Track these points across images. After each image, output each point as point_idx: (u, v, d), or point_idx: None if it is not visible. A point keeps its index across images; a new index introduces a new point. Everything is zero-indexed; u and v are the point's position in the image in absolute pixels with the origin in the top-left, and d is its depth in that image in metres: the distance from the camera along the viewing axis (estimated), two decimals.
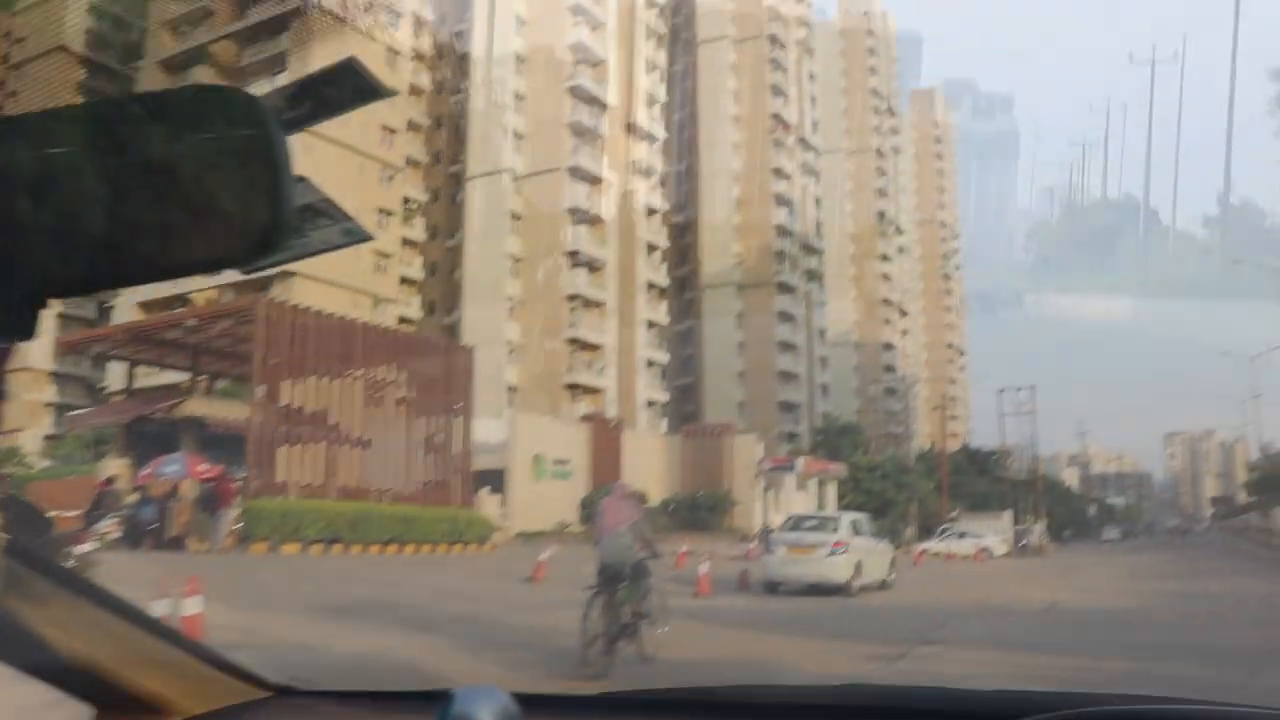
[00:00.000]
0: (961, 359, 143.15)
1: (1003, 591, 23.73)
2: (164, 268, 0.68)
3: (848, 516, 23.16)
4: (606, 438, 49.55)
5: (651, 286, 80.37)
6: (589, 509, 46.03)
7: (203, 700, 1.55)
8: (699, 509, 49.18)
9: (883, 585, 23.32)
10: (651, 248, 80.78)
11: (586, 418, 51.19)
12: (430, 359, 35.53)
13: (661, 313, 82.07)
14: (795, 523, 23.21)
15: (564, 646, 11.02)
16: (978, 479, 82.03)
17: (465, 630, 13.75)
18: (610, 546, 11.46)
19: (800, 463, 52.46)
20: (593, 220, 73.70)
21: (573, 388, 70.80)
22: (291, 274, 65.87)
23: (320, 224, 1.27)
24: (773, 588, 21.74)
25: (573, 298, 71.49)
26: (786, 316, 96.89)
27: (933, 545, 47.89)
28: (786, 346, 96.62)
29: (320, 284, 66.33)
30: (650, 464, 52.57)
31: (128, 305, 68.92)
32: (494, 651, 11.64)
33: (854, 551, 21.55)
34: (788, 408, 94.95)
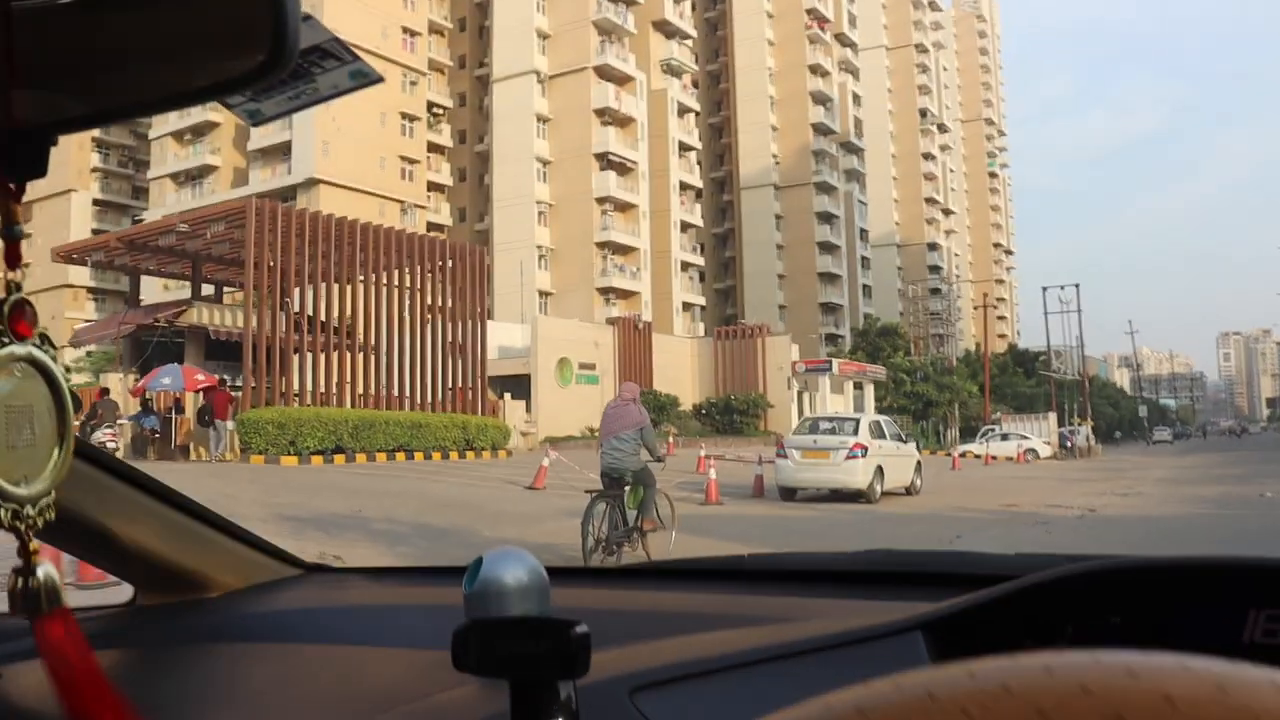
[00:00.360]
0: (1009, 258, 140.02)
1: (1036, 496, 22.10)
2: (165, 96, 0.67)
3: (868, 418, 21.36)
4: (636, 341, 47.87)
5: (685, 188, 78.18)
6: None
7: (239, 577, 1.64)
8: (732, 413, 47.66)
9: (908, 491, 21.78)
10: (685, 148, 78.36)
11: (614, 320, 49.39)
12: (443, 261, 33.91)
13: (696, 214, 79.98)
14: (811, 425, 21.42)
15: (550, 560, 9.99)
16: (1023, 380, 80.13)
17: (438, 545, 12.55)
18: (613, 451, 11.12)
19: (836, 364, 50.47)
20: (622, 121, 71.40)
21: (606, 291, 69.24)
22: (316, 181, 64.57)
23: (328, 66, 1.24)
24: (788, 494, 20.26)
25: (604, 200, 69.55)
26: (827, 217, 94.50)
27: (974, 447, 46.28)
28: (827, 247, 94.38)
29: (346, 191, 65.02)
30: (682, 367, 51.04)
31: (154, 217, 68.00)
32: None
33: (874, 455, 19.92)
34: (829, 309, 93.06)
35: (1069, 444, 53.75)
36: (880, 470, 20.10)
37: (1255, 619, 1.00)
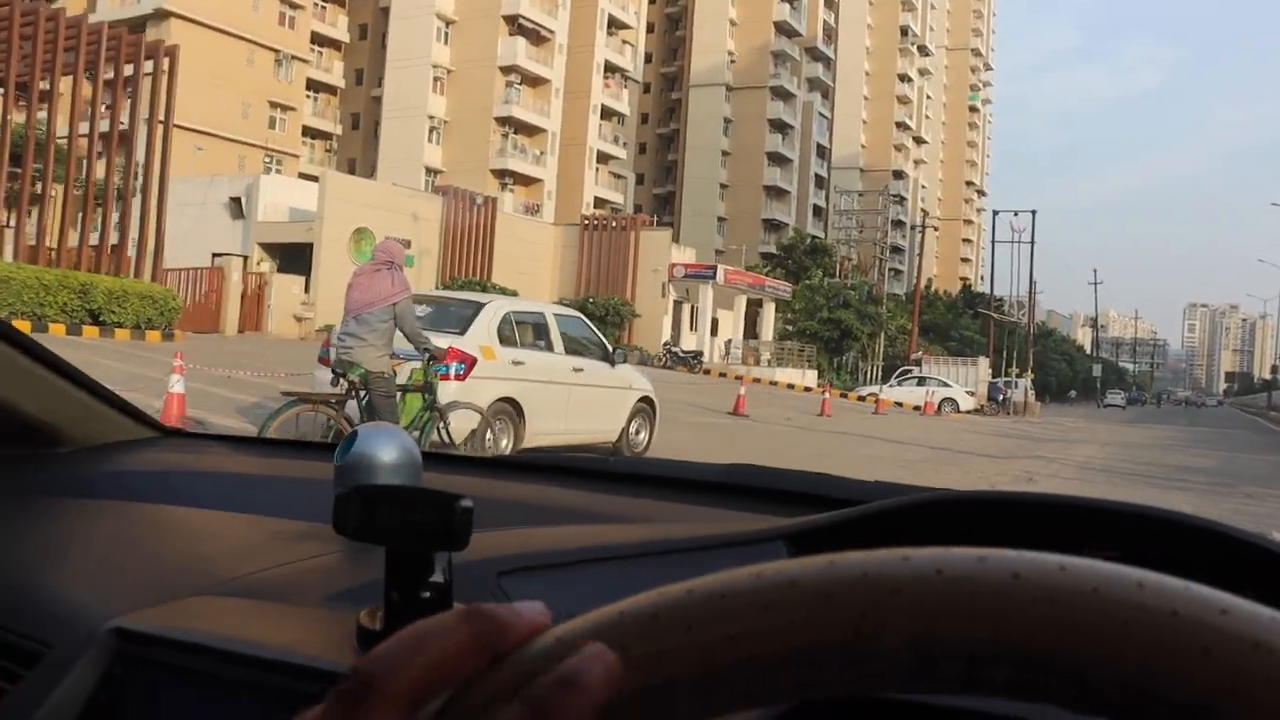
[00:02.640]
0: (982, 199, 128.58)
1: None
2: None
3: (500, 305, 10.70)
4: (474, 219, 36.93)
5: (613, 69, 66.56)
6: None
7: (91, 434, 1.53)
8: (590, 320, 37.06)
9: (615, 450, 11.39)
10: (617, 24, 66.62)
11: (443, 189, 38.27)
12: (95, 54, 22.91)
13: (624, 101, 68.41)
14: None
15: None
16: (971, 323, 69.96)
17: None
18: (345, 338, 7.38)
19: (721, 271, 39.46)
20: None
21: (502, 174, 58.22)
22: (167, 14, 52.97)
23: None
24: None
25: (510, 70, 58.21)
26: (781, 126, 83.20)
27: (878, 390, 35.94)
28: (778, 159, 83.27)
29: (205, 30, 53.55)
30: (541, 259, 40.14)
31: None
32: None
33: (498, 378, 9.50)
34: (773, 227, 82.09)
35: (1001, 397, 43.53)
36: (514, 409, 9.69)
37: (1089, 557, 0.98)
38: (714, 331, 41.03)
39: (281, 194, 34.32)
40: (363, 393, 7.40)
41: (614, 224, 40.00)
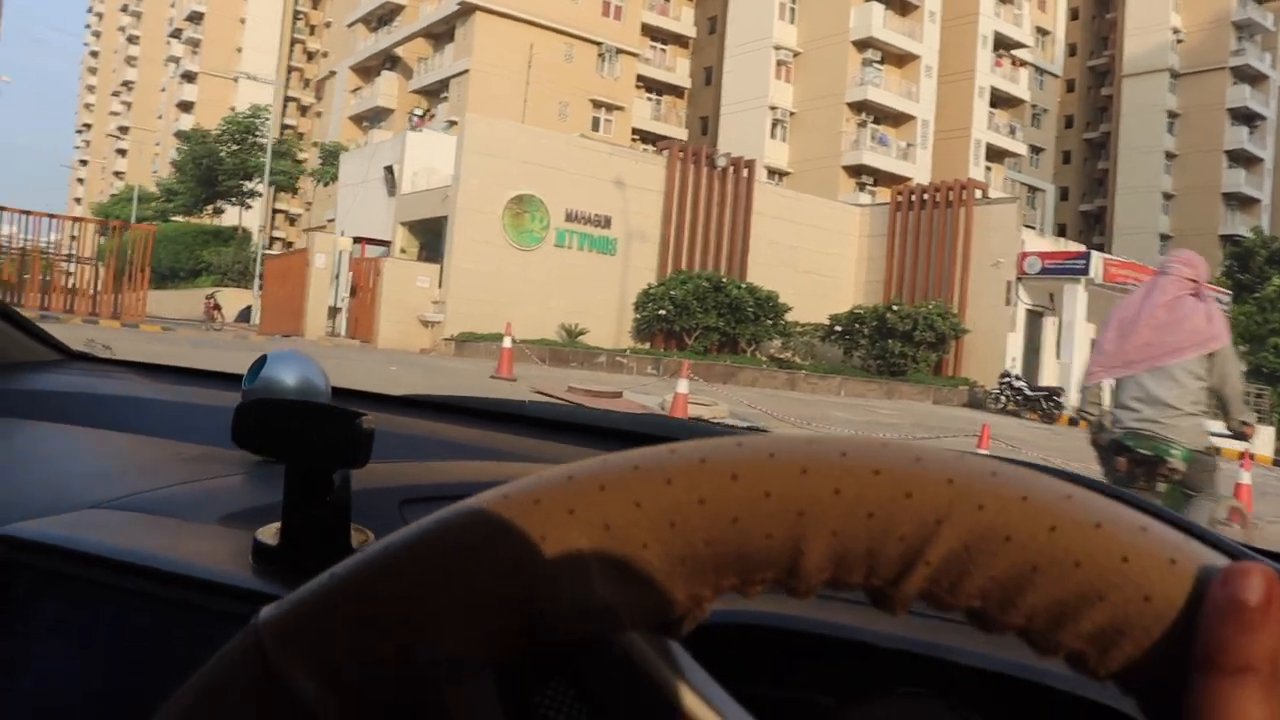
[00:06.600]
0: None
1: None
2: None
3: None
4: (716, 189, 24.67)
5: (1006, 45, 51.47)
6: (651, 308, 22.49)
7: None
8: (888, 336, 23.56)
9: None
10: None
11: (667, 144, 25.99)
12: None
13: (1023, 86, 52.97)
14: None
15: None
16: None
17: None
18: (1139, 404, 4.40)
19: (1098, 263, 24.06)
20: None
21: (858, 171, 45.39)
22: (472, 8, 45.34)
23: None
24: None
25: (865, 44, 45.43)
26: (1246, 117, 63.58)
27: None
28: (1242, 159, 63.57)
29: (514, 23, 45.59)
30: (841, 254, 27.06)
31: None
32: None
33: None
34: (1236, 243, 62.50)
35: None
36: None
37: None
38: None
39: (439, 155, 23.88)
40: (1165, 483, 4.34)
41: (934, 197, 25.97)
